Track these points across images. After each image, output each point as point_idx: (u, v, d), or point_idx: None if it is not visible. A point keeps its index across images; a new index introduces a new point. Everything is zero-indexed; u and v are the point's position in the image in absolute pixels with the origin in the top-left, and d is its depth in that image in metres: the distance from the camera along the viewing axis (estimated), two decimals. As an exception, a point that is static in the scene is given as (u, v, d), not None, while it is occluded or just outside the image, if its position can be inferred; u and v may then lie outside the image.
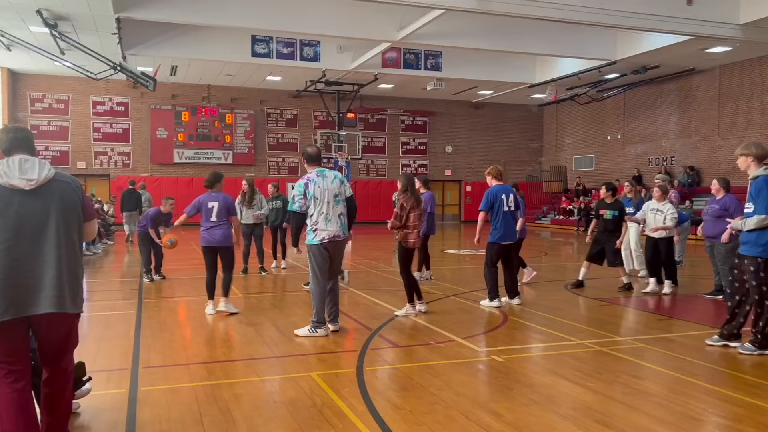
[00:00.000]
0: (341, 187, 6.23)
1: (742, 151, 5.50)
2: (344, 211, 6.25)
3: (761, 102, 20.66)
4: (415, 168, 30.07)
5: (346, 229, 6.28)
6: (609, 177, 27.29)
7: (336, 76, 23.64)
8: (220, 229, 7.17)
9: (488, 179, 8.01)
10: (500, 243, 7.73)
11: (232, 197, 7.45)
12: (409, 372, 4.96)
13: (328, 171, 6.30)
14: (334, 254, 6.23)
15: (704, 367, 5.17)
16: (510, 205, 7.77)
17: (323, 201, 6.10)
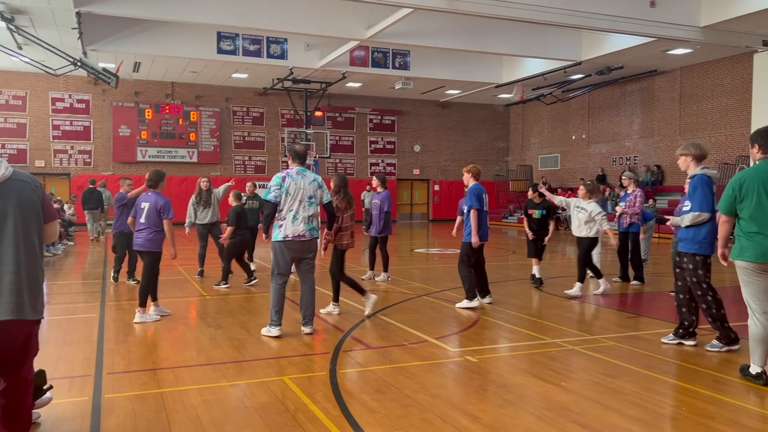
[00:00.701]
0: (318, 191, 6.15)
1: (682, 152, 5.65)
2: (316, 214, 6.16)
3: (720, 103, 21.20)
4: (383, 167, 30.04)
5: (315, 232, 6.16)
6: (574, 176, 27.73)
7: (303, 74, 23.44)
8: (145, 231, 6.82)
9: (467, 177, 7.85)
10: (481, 242, 7.71)
11: (167, 199, 6.92)
12: (383, 374, 4.89)
13: (310, 172, 6.25)
14: (298, 255, 6.13)
15: (673, 364, 5.22)
16: (487, 205, 7.86)
17: (295, 199, 6.04)
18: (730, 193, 4.58)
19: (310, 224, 6.09)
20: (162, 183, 7.03)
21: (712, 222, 5.42)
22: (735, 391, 4.47)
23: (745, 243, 4.50)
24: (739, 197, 4.53)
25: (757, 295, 4.50)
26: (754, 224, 4.43)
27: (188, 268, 11.73)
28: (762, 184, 4.41)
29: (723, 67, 21.01)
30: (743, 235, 4.53)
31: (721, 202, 4.69)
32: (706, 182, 5.41)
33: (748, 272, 4.52)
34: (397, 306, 7.89)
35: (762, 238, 4.40)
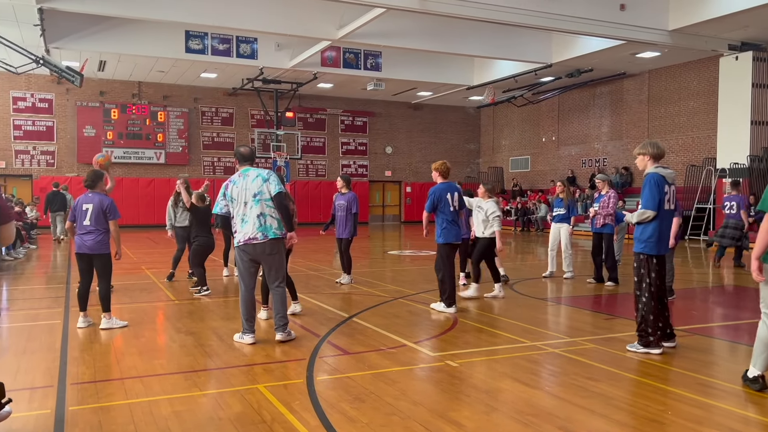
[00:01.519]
0: (263, 186, 5.77)
1: (640, 151, 5.64)
2: (267, 211, 5.77)
3: (687, 106, 21.57)
4: (355, 168, 29.87)
5: (269, 231, 5.75)
6: (544, 178, 27.96)
7: (274, 74, 23.16)
8: (93, 234, 6.46)
9: (434, 175, 7.66)
10: (451, 243, 7.52)
11: (111, 199, 6.62)
12: (362, 381, 4.74)
13: (253, 170, 5.90)
14: (258, 258, 5.83)
15: (655, 366, 5.17)
16: (455, 204, 7.52)
17: (240, 202, 5.80)
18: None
19: (261, 225, 5.73)
20: (101, 183, 6.67)
21: (657, 221, 5.40)
22: (722, 394, 4.43)
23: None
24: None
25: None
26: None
27: (156, 272, 11.40)
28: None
29: (690, 71, 21.38)
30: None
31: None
32: (656, 181, 5.40)
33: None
34: (373, 309, 7.73)
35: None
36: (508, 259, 14.78)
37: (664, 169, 5.55)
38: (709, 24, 16.34)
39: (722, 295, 9.65)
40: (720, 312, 8.12)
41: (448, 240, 7.50)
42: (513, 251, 17.20)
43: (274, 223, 5.80)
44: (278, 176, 6.03)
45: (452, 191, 7.51)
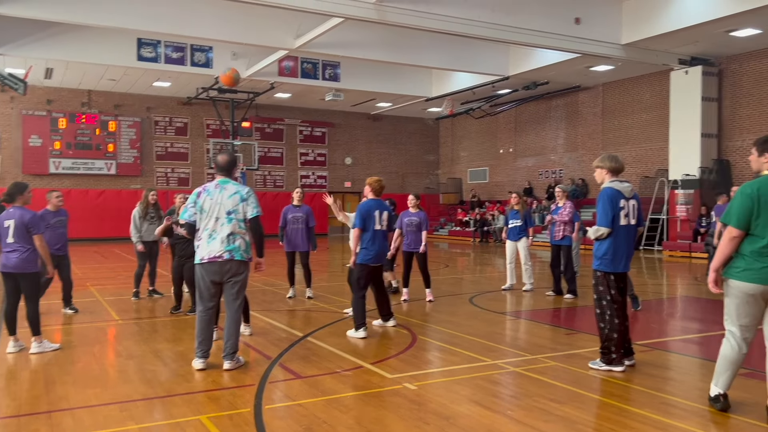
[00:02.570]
0: (240, 205, 5.39)
1: (598, 164, 5.54)
2: (238, 232, 5.40)
3: (640, 118, 22.00)
4: (314, 179, 29.52)
5: (236, 252, 5.37)
6: (502, 189, 28.13)
7: (230, 83, 22.64)
8: (17, 252, 5.99)
9: (366, 190, 7.24)
10: (369, 264, 6.90)
11: (33, 212, 6.11)
12: (314, 408, 4.44)
13: (233, 185, 5.50)
14: (219, 278, 5.41)
15: (618, 385, 5.03)
16: (382, 223, 6.98)
17: (211, 216, 5.40)
18: (749, 204, 4.03)
19: (230, 244, 5.36)
20: (22, 196, 6.12)
21: (612, 238, 5.28)
22: (684, 414, 4.29)
23: (752, 263, 4.05)
24: (757, 211, 4.04)
25: (746, 318, 4.13)
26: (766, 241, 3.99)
27: (102, 289, 10.85)
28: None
29: (642, 84, 21.82)
30: (751, 254, 4.06)
31: (732, 215, 4.10)
32: (609, 196, 5.28)
33: (747, 296, 4.08)
34: (329, 327, 7.44)
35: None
36: (468, 272, 14.67)
37: (620, 183, 5.42)
38: (660, 39, 16.69)
39: (678, 308, 9.67)
40: (678, 325, 8.09)
41: (363, 260, 6.91)
42: (472, 263, 17.12)
43: (243, 245, 5.44)
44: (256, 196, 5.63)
45: (381, 209, 6.99)
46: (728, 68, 19.12)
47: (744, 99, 18.80)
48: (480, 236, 25.69)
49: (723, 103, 19.26)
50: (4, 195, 6.16)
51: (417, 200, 9.36)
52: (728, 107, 19.19)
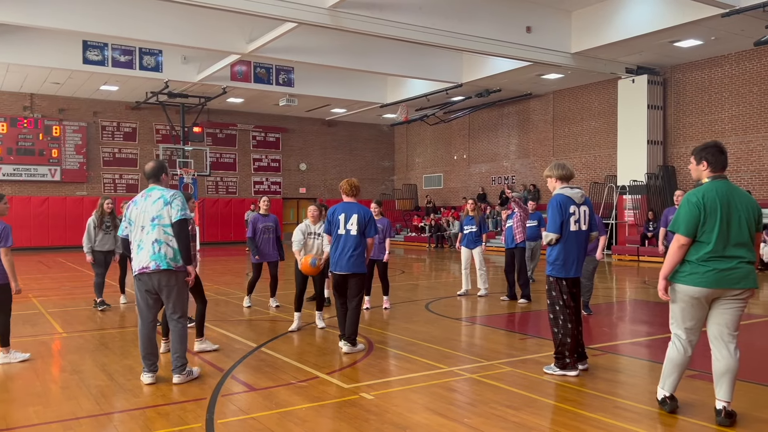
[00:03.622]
0: (164, 209, 5.13)
1: (547, 173, 5.66)
2: (164, 238, 5.13)
3: (589, 126, 22.55)
4: (268, 185, 29.17)
5: (162, 261, 5.10)
6: (456, 195, 28.39)
7: (180, 87, 22.24)
8: None
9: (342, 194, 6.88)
10: (332, 272, 6.49)
11: (3, 224, 5.89)
12: (269, 422, 4.33)
13: (158, 190, 5.25)
14: (152, 290, 5.19)
15: (573, 390, 5.08)
16: (350, 226, 6.38)
17: (137, 225, 5.22)
18: (696, 212, 4.09)
19: (155, 253, 5.09)
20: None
21: (562, 243, 5.37)
22: (638, 417, 4.36)
23: (699, 268, 4.12)
24: (703, 218, 4.12)
25: (690, 321, 4.20)
26: (711, 247, 4.07)
27: (45, 300, 10.42)
28: (722, 205, 4.09)
29: (591, 92, 22.39)
30: (697, 260, 4.13)
31: (680, 223, 4.15)
32: (559, 203, 5.39)
33: (692, 300, 4.16)
34: (284, 337, 7.30)
35: (717, 261, 4.08)
36: (423, 277, 14.70)
37: (570, 190, 5.52)
38: (608, 48, 17.16)
39: (628, 311, 9.90)
40: (628, 328, 8.27)
41: (332, 267, 6.51)
42: (428, 269, 17.18)
43: (170, 252, 5.15)
44: (185, 199, 5.36)
45: (348, 212, 6.42)
46: (672, 77, 19.81)
47: (687, 107, 19.50)
48: (435, 242, 25.84)
49: (668, 111, 19.94)
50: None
51: (379, 207, 9.21)
52: (672, 115, 19.87)
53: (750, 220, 4.14)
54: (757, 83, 17.77)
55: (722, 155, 4.25)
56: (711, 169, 4.23)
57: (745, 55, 17.99)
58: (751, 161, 18.01)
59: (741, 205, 4.13)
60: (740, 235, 4.10)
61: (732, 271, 4.07)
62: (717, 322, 4.18)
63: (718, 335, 4.18)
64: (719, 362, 4.15)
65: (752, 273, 4.13)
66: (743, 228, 4.11)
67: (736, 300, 4.14)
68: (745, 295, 4.14)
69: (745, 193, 4.28)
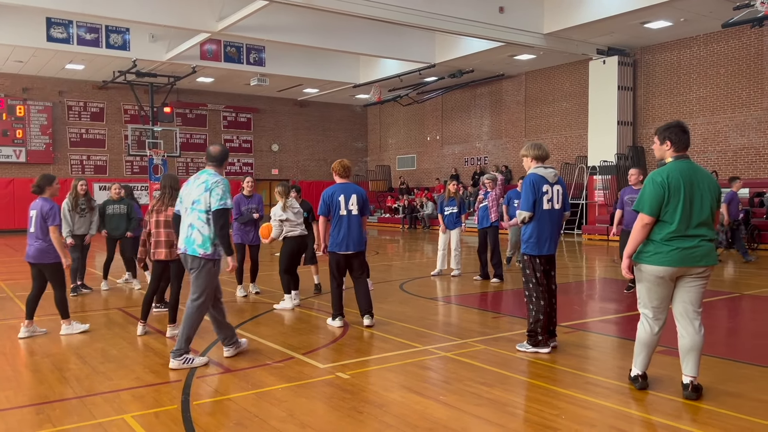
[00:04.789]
0: (203, 195, 5.13)
1: (523, 153, 5.76)
2: (198, 224, 5.14)
3: (561, 107, 22.74)
4: (239, 167, 28.86)
5: (189, 246, 5.14)
6: (430, 176, 28.47)
7: (148, 66, 21.78)
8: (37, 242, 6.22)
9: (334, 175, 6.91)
10: (336, 252, 6.58)
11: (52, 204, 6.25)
12: (245, 402, 4.33)
13: (207, 173, 5.28)
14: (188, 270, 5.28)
15: (545, 366, 5.18)
16: (350, 207, 6.53)
17: (184, 206, 5.31)
18: (661, 192, 4.14)
19: (187, 236, 5.17)
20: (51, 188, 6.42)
21: (536, 222, 5.47)
22: (608, 393, 4.47)
23: (662, 247, 4.15)
24: (667, 198, 4.17)
25: (657, 301, 4.27)
26: (674, 227, 4.13)
27: (13, 283, 10.22)
28: (685, 184, 4.15)
29: (563, 73, 22.54)
30: (661, 240, 4.16)
31: (644, 203, 4.19)
32: (532, 182, 5.49)
33: (657, 279, 4.22)
34: (259, 318, 7.29)
35: (680, 240, 4.14)
36: (397, 258, 14.77)
37: (544, 170, 5.61)
38: (579, 29, 17.27)
39: (597, 289, 10.09)
40: (598, 306, 8.44)
41: (330, 248, 6.61)
42: (401, 249, 17.25)
43: (199, 239, 5.14)
44: (227, 187, 5.24)
45: (347, 192, 6.55)
46: (642, 59, 20.04)
47: (656, 88, 19.77)
48: (409, 223, 25.92)
49: (637, 92, 20.19)
50: (34, 186, 6.38)
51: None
52: (642, 96, 20.14)
53: (712, 200, 4.22)
54: (725, 65, 18.09)
55: (685, 135, 4.31)
56: (674, 148, 4.29)
57: (713, 37, 18.27)
58: (718, 141, 18.39)
59: (703, 185, 4.20)
60: (702, 214, 4.17)
61: (695, 249, 4.15)
62: (682, 300, 4.27)
63: (683, 313, 4.27)
64: (685, 339, 4.27)
65: (713, 251, 4.24)
66: (705, 207, 4.18)
67: (699, 278, 4.23)
68: (707, 273, 4.25)
69: (706, 172, 4.35)
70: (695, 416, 3.98)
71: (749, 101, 17.68)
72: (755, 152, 17.65)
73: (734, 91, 17.95)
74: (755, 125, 17.57)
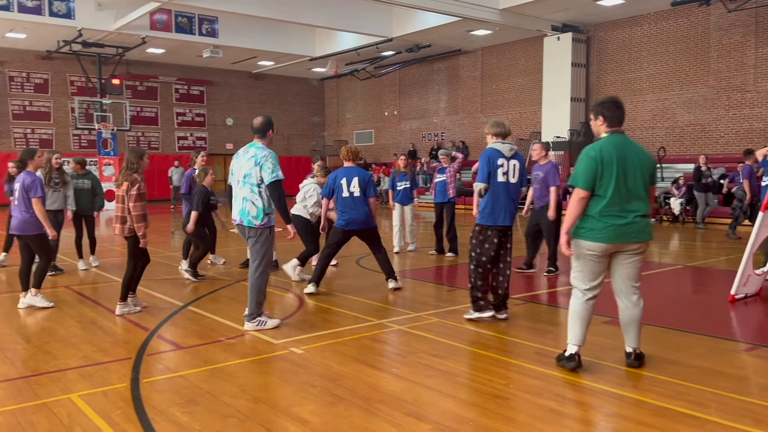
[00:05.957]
0: (254, 169, 5.40)
1: (486, 130, 5.91)
2: (250, 196, 5.40)
3: (516, 83, 22.93)
4: (193, 141, 28.23)
5: (245, 217, 5.43)
6: (387, 152, 28.44)
7: (95, 36, 20.97)
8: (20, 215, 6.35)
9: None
10: (343, 229, 7.12)
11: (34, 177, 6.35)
12: (197, 379, 4.29)
13: (255, 147, 5.51)
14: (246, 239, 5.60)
15: (497, 338, 5.29)
16: (352, 189, 7.02)
17: (236, 179, 5.58)
18: (594, 166, 4.17)
19: (242, 208, 5.45)
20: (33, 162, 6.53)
21: (490, 193, 5.64)
22: (555, 362, 4.58)
23: (596, 223, 4.23)
24: (601, 172, 4.21)
25: (591, 275, 4.31)
26: (607, 201, 4.18)
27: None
28: (618, 159, 4.19)
29: (518, 49, 22.68)
30: (595, 215, 4.24)
31: (578, 177, 4.24)
32: (488, 155, 5.67)
33: (591, 254, 4.27)
34: (212, 295, 7.21)
35: (613, 217, 4.19)
36: (354, 233, 14.76)
37: (502, 145, 5.73)
38: (534, 5, 17.37)
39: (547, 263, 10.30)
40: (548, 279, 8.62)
41: (337, 225, 7.17)
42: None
43: (253, 210, 5.43)
44: (276, 159, 5.51)
45: (349, 175, 7.05)
46: (595, 36, 20.32)
47: (609, 65, 20.11)
48: (366, 198, 25.88)
49: (590, 69, 20.51)
50: (17, 161, 6.64)
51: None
52: (595, 73, 20.46)
53: (645, 175, 4.26)
54: (674, 43, 18.50)
55: (618, 110, 4.32)
56: (607, 123, 4.34)
57: (663, 15, 18.63)
58: (666, 118, 18.88)
59: (637, 160, 4.24)
60: (636, 189, 4.22)
61: (629, 225, 4.19)
62: (619, 275, 4.34)
63: (621, 288, 4.35)
64: (624, 313, 4.38)
65: (648, 226, 4.30)
66: (638, 182, 4.22)
67: (634, 254, 4.28)
68: (642, 249, 4.31)
69: (640, 147, 4.38)
70: (637, 383, 4.13)
71: (696, 79, 18.18)
72: (701, 129, 18.20)
73: (682, 68, 18.41)
74: (701, 102, 18.09)
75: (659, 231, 14.39)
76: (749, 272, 6.58)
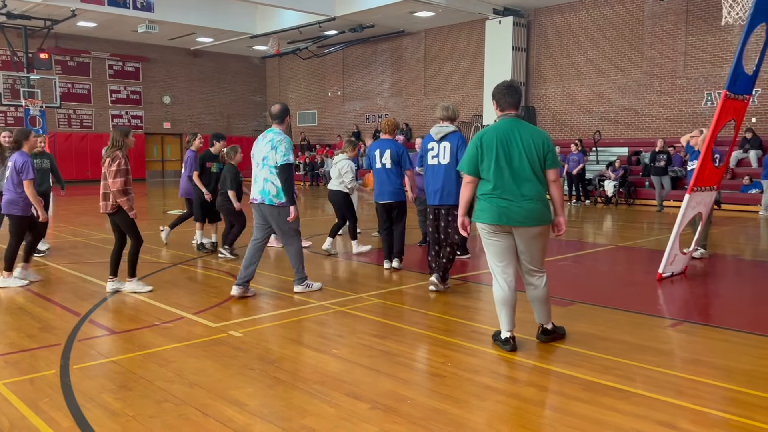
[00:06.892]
0: (270, 152, 5.86)
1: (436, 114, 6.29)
2: (271, 177, 5.86)
3: (458, 66, 23.09)
4: (128, 120, 27.24)
5: (266, 196, 5.88)
6: (331, 133, 28.22)
7: (21, 7, 19.84)
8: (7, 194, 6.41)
9: None
10: (376, 201, 7.41)
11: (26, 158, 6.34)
12: (131, 364, 4.18)
13: (272, 132, 5.95)
14: (262, 218, 6.04)
15: (435, 318, 5.37)
16: (383, 161, 7.21)
17: (255, 162, 5.98)
18: (474, 151, 4.30)
19: (263, 188, 5.89)
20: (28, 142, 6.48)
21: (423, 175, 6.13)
22: (490, 339, 4.68)
23: (484, 204, 4.29)
24: (481, 156, 4.28)
25: (498, 256, 4.36)
26: (492, 184, 4.23)
27: None
28: (500, 142, 4.24)
29: (461, 32, 22.82)
30: (482, 196, 4.31)
31: (463, 162, 4.43)
32: (422, 141, 6.21)
33: (486, 233, 4.32)
34: (148, 278, 7.00)
35: (498, 199, 4.21)
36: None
37: (436, 128, 6.13)
38: (477, -12, 17.47)
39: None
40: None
41: (375, 198, 7.42)
42: (303, 207, 17.09)
43: (273, 190, 5.88)
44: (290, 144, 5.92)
45: (382, 148, 7.26)
46: (535, 20, 20.64)
47: (548, 50, 20.50)
48: (310, 180, 25.70)
49: (530, 53, 20.85)
50: (12, 142, 6.60)
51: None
52: (534, 57, 20.82)
53: (532, 157, 4.19)
54: (610, 29, 19.01)
55: (509, 95, 4.37)
56: (499, 108, 4.45)
57: (600, 1, 19.09)
58: (602, 103, 19.45)
59: (524, 143, 4.22)
60: (523, 172, 4.20)
61: (516, 209, 4.18)
62: (522, 257, 4.37)
63: (523, 269, 4.42)
64: (528, 293, 4.49)
65: (539, 210, 4.20)
66: (524, 164, 4.20)
67: (530, 237, 4.26)
68: (538, 231, 4.24)
69: (533, 130, 4.36)
70: (568, 359, 4.28)
71: (630, 65, 18.76)
72: (634, 113, 18.85)
73: (617, 54, 18.96)
74: (635, 88, 18.71)
75: (593, 212, 14.89)
76: (676, 251, 6.89)
